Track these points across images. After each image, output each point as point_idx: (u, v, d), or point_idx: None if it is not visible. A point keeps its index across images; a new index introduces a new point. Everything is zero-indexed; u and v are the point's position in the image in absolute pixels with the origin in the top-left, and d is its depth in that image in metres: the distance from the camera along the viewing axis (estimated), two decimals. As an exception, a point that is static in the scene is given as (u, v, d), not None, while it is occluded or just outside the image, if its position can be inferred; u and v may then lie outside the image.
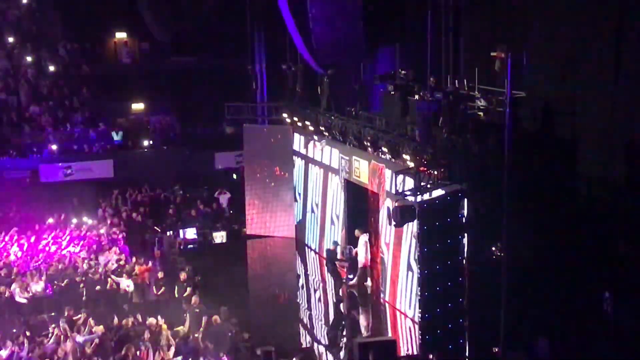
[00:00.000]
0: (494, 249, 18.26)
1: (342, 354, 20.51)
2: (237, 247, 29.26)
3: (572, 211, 19.14)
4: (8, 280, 23.09)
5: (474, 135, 19.01)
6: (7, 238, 26.46)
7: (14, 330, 20.55)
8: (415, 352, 19.42)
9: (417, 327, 20.04)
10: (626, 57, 19.07)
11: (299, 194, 29.32)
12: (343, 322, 22.68)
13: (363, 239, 24.30)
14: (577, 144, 19.83)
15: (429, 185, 18.88)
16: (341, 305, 23.62)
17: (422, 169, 19.01)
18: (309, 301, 25.01)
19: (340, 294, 23.96)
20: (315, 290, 25.84)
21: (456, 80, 20.93)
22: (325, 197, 27.34)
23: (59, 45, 37.29)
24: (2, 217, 29.70)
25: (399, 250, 22.10)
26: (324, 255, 25.86)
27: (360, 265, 24.31)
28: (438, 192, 19.15)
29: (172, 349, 18.51)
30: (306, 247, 28.73)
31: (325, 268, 25.21)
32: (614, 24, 19.30)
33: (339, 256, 24.72)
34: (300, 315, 23.74)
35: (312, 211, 28.47)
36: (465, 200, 18.53)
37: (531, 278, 18.23)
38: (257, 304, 24.53)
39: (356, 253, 24.37)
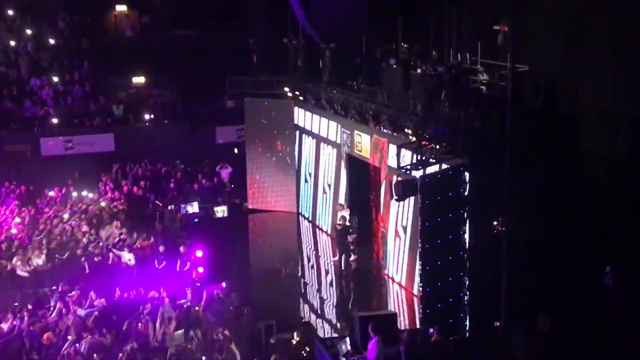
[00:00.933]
0: (495, 223, 18.26)
1: (341, 327, 20.57)
2: (238, 221, 29.25)
3: (573, 187, 19.12)
4: (9, 254, 23.13)
5: (476, 109, 18.94)
6: (7, 212, 26.46)
7: (16, 304, 20.60)
8: (415, 326, 19.47)
9: (417, 300, 20.10)
10: (629, 33, 18.96)
11: (297, 167, 29.36)
12: (350, 296, 22.76)
13: (343, 214, 24.40)
14: (579, 120, 19.77)
15: (430, 160, 18.84)
16: (345, 279, 23.68)
17: (424, 143, 18.97)
18: (309, 275, 25.02)
19: (343, 267, 24.00)
20: (309, 261, 25.92)
21: (459, 54, 20.83)
22: (317, 167, 27.44)
23: (59, 18, 37.10)
24: (3, 191, 29.71)
25: (388, 219, 22.22)
26: (328, 229, 25.72)
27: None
28: (440, 167, 19.12)
29: (174, 322, 18.54)
30: (301, 217, 28.86)
31: (335, 242, 25.14)
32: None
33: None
34: (301, 289, 23.79)
35: (306, 180, 28.60)
36: (467, 174, 18.49)
37: (532, 253, 18.25)
38: (258, 278, 24.57)
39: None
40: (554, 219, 18.45)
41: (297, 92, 28.28)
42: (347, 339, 17.12)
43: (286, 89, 28.85)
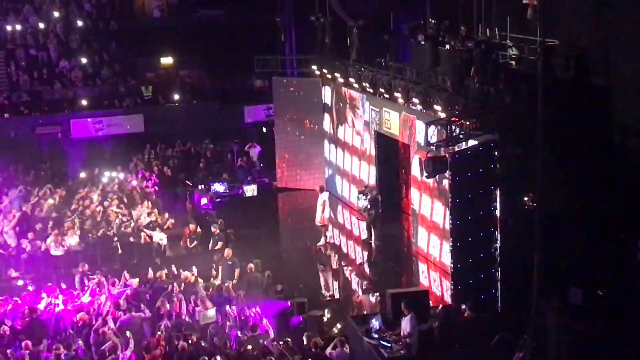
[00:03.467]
0: (526, 199, 18.16)
1: (374, 304, 20.61)
2: (268, 200, 29.33)
3: (605, 160, 18.94)
4: (44, 234, 23.37)
5: (506, 84, 18.80)
6: (41, 193, 26.71)
7: (50, 284, 20.83)
8: (447, 302, 19.44)
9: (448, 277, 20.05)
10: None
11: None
12: (381, 273, 22.75)
13: (322, 197, 24.36)
14: (611, 92, 19.55)
15: (460, 136, 18.74)
16: (376, 256, 23.69)
17: (453, 119, 18.86)
18: (339, 252, 25.00)
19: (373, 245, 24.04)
20: (338, 239, 25.90)
21: (487, 29, 20.67)
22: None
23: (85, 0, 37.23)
24: (35, 173, 29.98)
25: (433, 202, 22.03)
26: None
27: (318, 224, 24.45)
28: (470, 143, 19.02)
29: (207, 301, 18.66)
30: (341, 202, 28.71)
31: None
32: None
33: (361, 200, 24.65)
34: (332, 266, 23.81)
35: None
36: (498, 150, 18.39)
37: (564, 228, 18.13)
38: (289, 256, 24.64)
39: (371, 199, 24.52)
40: (586, 193, 18.31)
41: (325, 70, 28.21)
42: (379, 316, 17.15)
43: (314, 67, 28.78)
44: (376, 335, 16.50)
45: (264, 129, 33.34)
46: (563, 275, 17.65)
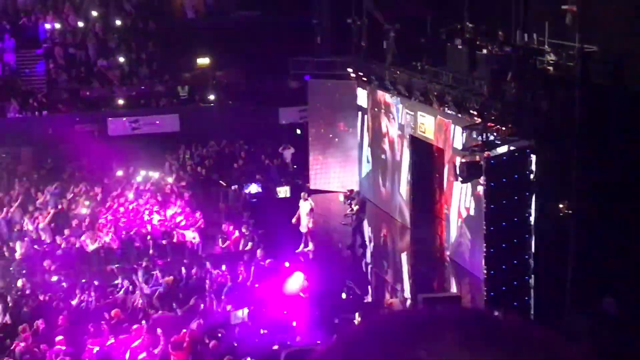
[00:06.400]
0: (561, 206, 18.01)
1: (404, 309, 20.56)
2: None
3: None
4: (79, 232, 23.58)
5: (544, 90, 18.67)
6: (76, 190, 26.95)
7: (84, 280, 21.01)
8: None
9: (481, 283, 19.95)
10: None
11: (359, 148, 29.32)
12: (413, 278, 22.71)
13: (307, 204, 24.24)
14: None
15: (496, 141, 18.64)
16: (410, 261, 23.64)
17: (489, 124, 18.77)
18: (371, 256, 24.97)
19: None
20: (371, 242, 25.85)
21: (526, 34, 20.53)
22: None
23: (125, -1, 37.53)
24: (71, 170, 30.26)
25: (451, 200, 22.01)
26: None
27: (304, 230, 24.37)
28: (505, 148, 18.91)
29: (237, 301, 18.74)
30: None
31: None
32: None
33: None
34: (363, 270, 23.79)
35: (368, 161, 28.54)
36: (533, 156, 18.27)
37: (599, 236, 17.94)
38: (320, 259, 24.62)
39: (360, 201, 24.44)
40: (623, 201, 18.11)
41: (360, 73, 28.18)
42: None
43: (349, 70, 28.75)
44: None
45: (299, 131, 33.35)
46: (597, 284, 17.48)
